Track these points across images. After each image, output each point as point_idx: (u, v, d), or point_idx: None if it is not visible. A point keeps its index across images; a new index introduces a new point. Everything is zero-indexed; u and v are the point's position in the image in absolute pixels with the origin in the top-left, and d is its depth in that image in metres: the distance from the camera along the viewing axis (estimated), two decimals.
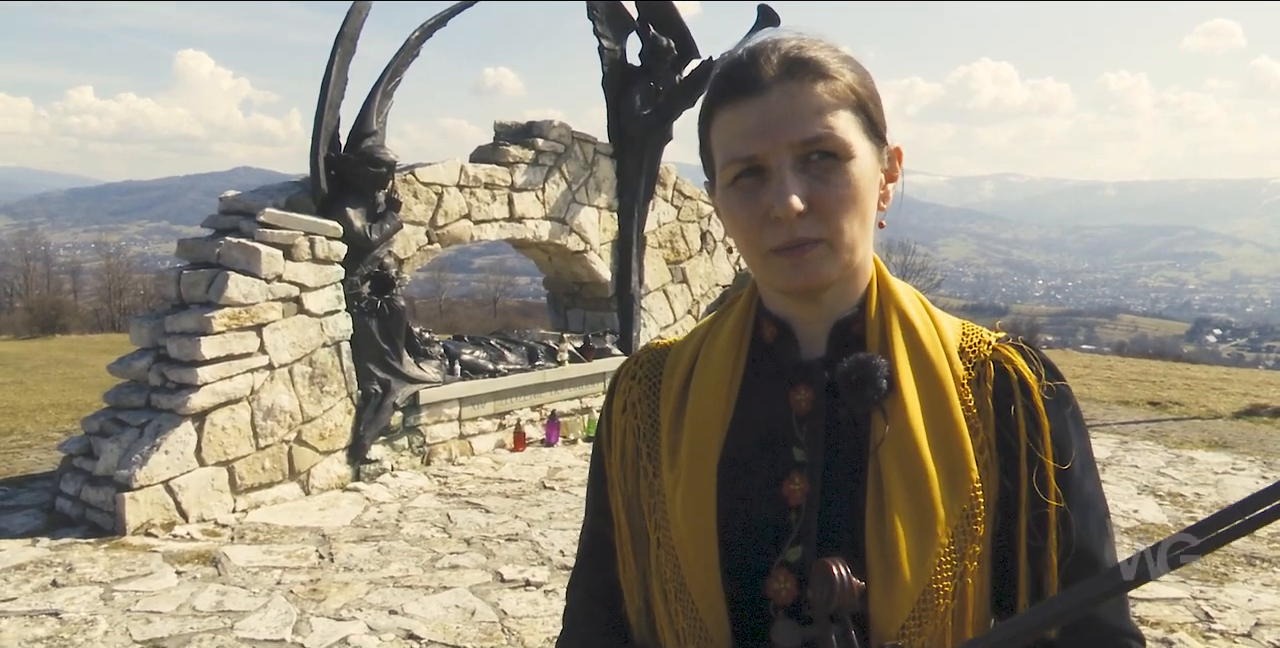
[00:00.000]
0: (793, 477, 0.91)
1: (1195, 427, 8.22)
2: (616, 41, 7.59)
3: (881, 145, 0.93)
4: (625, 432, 1.03)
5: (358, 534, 5.06)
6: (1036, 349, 0.97)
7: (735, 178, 0.90)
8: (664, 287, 8.57)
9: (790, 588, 0.88)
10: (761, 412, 0.96)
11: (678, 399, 0.99)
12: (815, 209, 0.87)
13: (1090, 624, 0.91)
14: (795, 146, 0.86)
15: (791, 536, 0.90)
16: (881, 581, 0.86)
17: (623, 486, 1.01)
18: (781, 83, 0.87)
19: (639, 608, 0.99)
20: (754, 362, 0.99)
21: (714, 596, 0.91)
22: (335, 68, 5.70)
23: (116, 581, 4.31)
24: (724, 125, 0.90)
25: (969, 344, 0.97)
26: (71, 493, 5.16)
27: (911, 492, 0.87)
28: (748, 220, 0.89)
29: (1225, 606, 4.11)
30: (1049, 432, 0.92)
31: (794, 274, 0.89)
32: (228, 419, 5.25)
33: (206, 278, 5.29)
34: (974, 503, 0.89)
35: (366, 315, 5.98)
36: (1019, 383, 0.94)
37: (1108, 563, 0.93)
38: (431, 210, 6.58)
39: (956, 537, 0.88)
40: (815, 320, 0.97)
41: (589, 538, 1.09)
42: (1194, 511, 5.58)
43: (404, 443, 6.31)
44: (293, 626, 3.88)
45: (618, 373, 1.09)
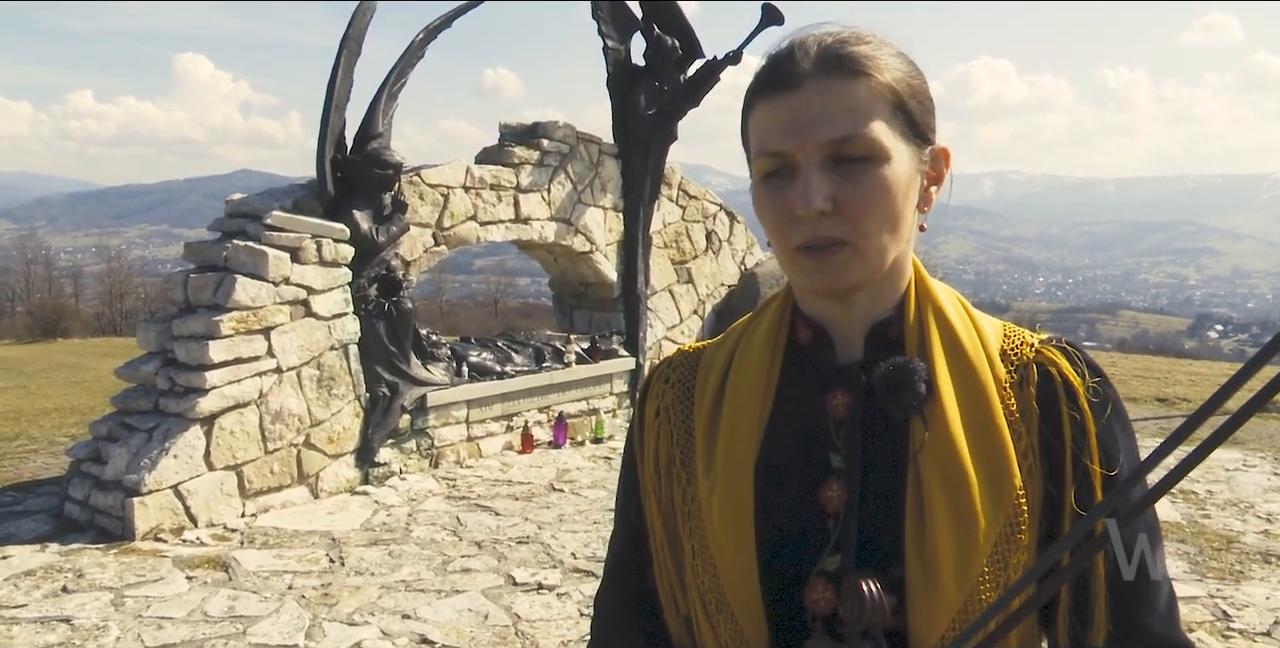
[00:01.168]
0: (830, 484, 0.89)
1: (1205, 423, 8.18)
2: (621, 41, 7.56)
3: (924, 146, 0.90)
4: (659, 437, 1.00)
5: (368, 538, 5.04)
6: (1081, 351, 0.94)
7: (766, 174, 0.88)
8: (670, 287, 8.55)
9: (829, 598, 0.86)
10: (798, 416, 0.94)
11: (712, 404, 0.97)
12: (841, 210, 0.85)
13: (1139, 634, 0.89)
14: (824, 146, 0.84)
15: (830, 544, 0.88)
16: (922, 591, 0.84)
17: (657, 492, 0.99)
18: (816, 79, 0.85)
19: (682, 618, 0.97)
20: (789, 365, 0.96)
21: (753, 605, 0.89)
22: (341, 70, 5.68)
23: (127, 586, 4.29)
24: (759, 119, 0.89)
25: (1011, 346, 0.94)
26: (80, 498, 5.14)
27: (952, 499, 0.85)
28: (775, 218, 0.88)
29: (1243, 604, 4.08)
30: (1095, 436, 0.89)
31: (817, 276, 0.88)
32: (236, 423, 5.23)
33: (214, 281, 5.27)
34: (1017, 510, 0.86)
35: (374, 318, 5.96)
36: (1063, 386, 0.91)
37: (1156, 572, 0.90)
38: (438, 212, 6.56)
39: (1000, 545, 0.85)
40: (851, 322, 0.94)
41: (621, 546, 1.06)
42: (1206, 508, 5.56)
43: (412, 446, 6.29)
44: (305, 631, 3.86)
45: (650, 377, 1.06)
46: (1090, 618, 0.88)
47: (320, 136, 5.68)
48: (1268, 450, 7.11)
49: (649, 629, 1.01)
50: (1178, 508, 5.54)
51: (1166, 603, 0.90)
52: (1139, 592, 0.89)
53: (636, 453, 1.03)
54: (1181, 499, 5.73)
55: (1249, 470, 6.48)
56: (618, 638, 1.05)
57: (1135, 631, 0.88)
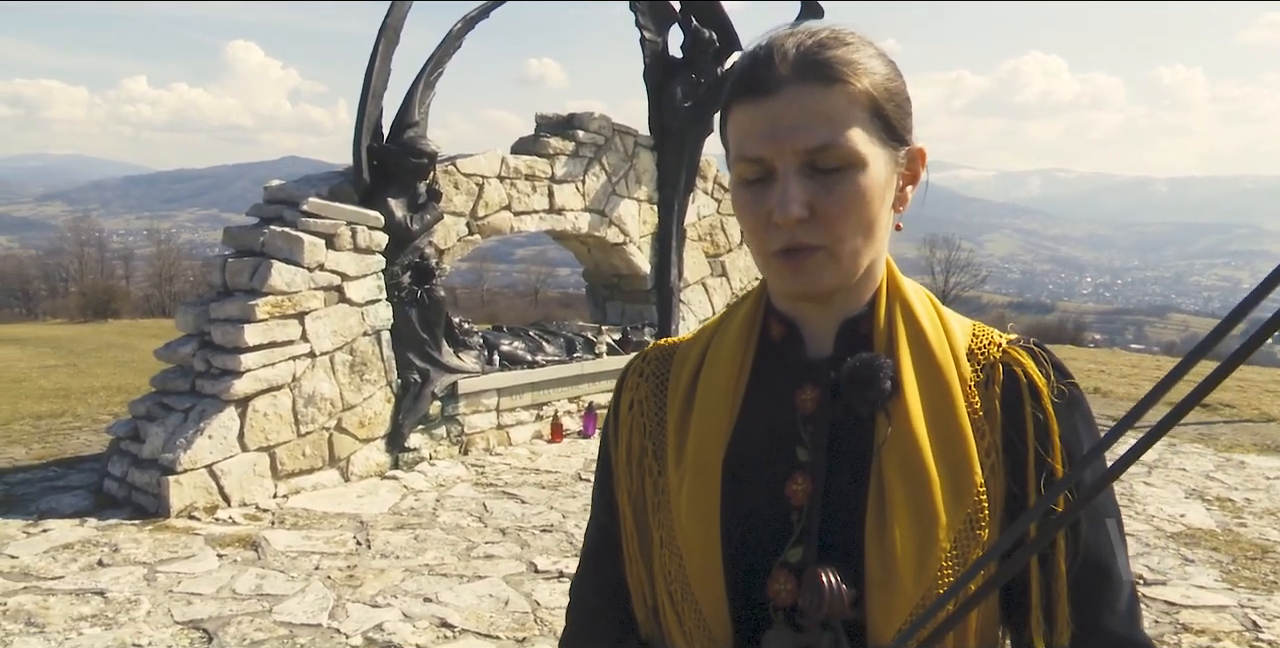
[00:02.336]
0: (796, 477, 0.91)
1: (1246, 430, 8.03)
2: (658, 33, 7.55)
3: (900, 147, 0.91)
4: (632, 429, 1.02)
5: (395, 522, 5.11)
6: (1048, 351, 0.95)
7: (744, 178, 0.89)
8: (703, 280, 8.55)
9: (791, 589, 0.88)
10: (767, 411, 0.95)
11: (684, 398, 0.99)
12: (818, 216, 0.85)
13: (1100, 634, 0.89)
14: (801, 153, 0.85)
15: (793, 537, 0.89)
16: (880, 584, 0.85)
17: (628, 483, 1.01)
18: (793, 85, 0.85)
19: (648, 607, 0.99)
20: (761, 360, 0.98)
21: (717, 595, 0.90)
22: (379, 59, 5.74)
23: (160, 562, 4.40)
24: (737, 123, 0.89)
25: (978, 346, 0.95)
26: (118, 475, 5.27)
27: (912, 495, 0.86)
28: (753, 222, 0.89)
29: (1274, 615, 4.01)
30: (1058, 436, 0.90)
31: (794, 280, 0.89)
32: (270, 405, 5.32)
33: (250, 266, 5.36)
34: (977, 507, 0.87)
35: (407, 305, 6.03)
36: (1028, 386, 0.92)
37: (1120, 570, 0.91)
38: (472, 201, 6.61)
39: (959, 542, 0.86)
40: (823, 320, 0.96)
41: (595, 534, 1.08)
42: (1243, 516, 5.45)
43: (442, 432, 6.36)
44: (329, 611, 3.93)
45: (626, 370, 1.08)
46: (1054, 618, 0.89)
47: (357, 125, 5.75)
48: None
49: (623, 618, 1.03)
50: (1213, 516, 5.45)
51: (1128, 603, 0.91)
52: (1099, 591, 0.90)
53: (611, 444, 1.05)
54: (1218, 507, 5.63)
55: None
56: (593, 626, 1.07)
57: (1096, 631, 0.89)
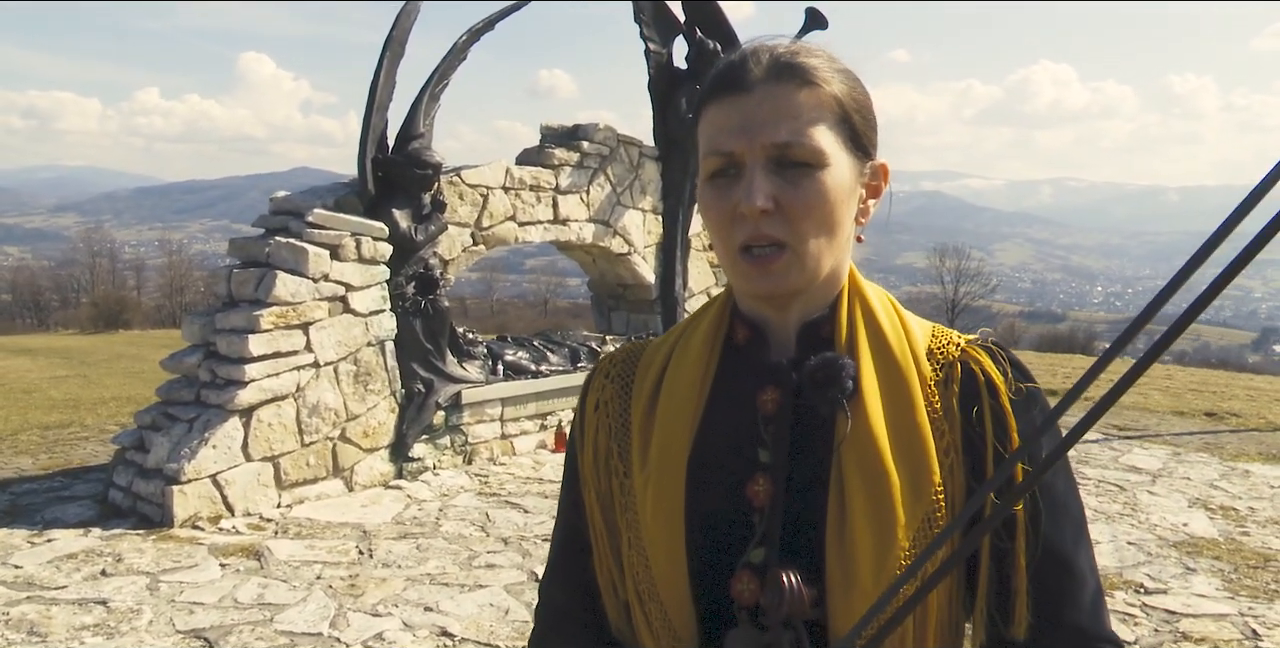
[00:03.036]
0: (757, 478, 0.92)
1: (1253, 439, 7.99)
2: (663, 44, 7.60)
3: (865, 160, 0.94)
4: (598, 430, 1.03)
5: (398, 531, 5.13)
6: (1006, 350, 0.97)
7: (712, 174, 0.91)
8: (708, 289, 8.56)
9: (754, 589, 0.89)
10: (730, 413, 0.96)
11: (649, 399, 1.00)
12: (782, 210, 0.88)
13: (1064, 628, 0.90)
14: (769, 148, 0.88)
15: (755, 537, 0.91)
16: (840, 583, 0.87)
17: (595, 484, 1.02)
18: (766, 84, 0.89)
19: (619, 606, 1.00)
20: (726, 363, 0.99)
21: (681, 595, 0.92)
22: (384, 70, 5.79)
23: (163, 571, 4.42)
24: (710, 120, 0.92)
25: (937, 346, 0.97)
26: (123, 485, 5.30)
27: (872, 495, 0.88)
28: (719, 216, 0.90)
29: (1275, 623, 3.99)
30: (1016, 432, 0.91)
31: (759, 281, 0.90)
32: (274, 416, 5.36)
33: (255, 276, 5.40)
34: (935, 506, 0.89)
35: (411, 315, 6.06)
36: (986, 384, 0.93)
37: (1081, 565, 0.92)
38: (477, 212, 6.65)
39: (917, 541, 0.87)
40: (786, 323, 0.97)
41: (563, 535, 1.09)
42: (1246, 525, 5.43)
43: (446, 442, 6.38)
44: (330, 620, 3.95)
45: (593, 371, 1.09)
46: (1011, 611, 0.90)
47: (362, 136, 5.80)
48: None
49: (591, 619, 1.04)
50: (1216, 525, 5.42)
51: (1092, 598, 0.92)
52: (1061, 587, 0.91)
53: (577, 445, 1.07)
54: (1221, 516, 5.60)
55: None
56: (561, 626, 1.08)
57: (1061, 625, 0.90)
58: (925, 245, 49.04)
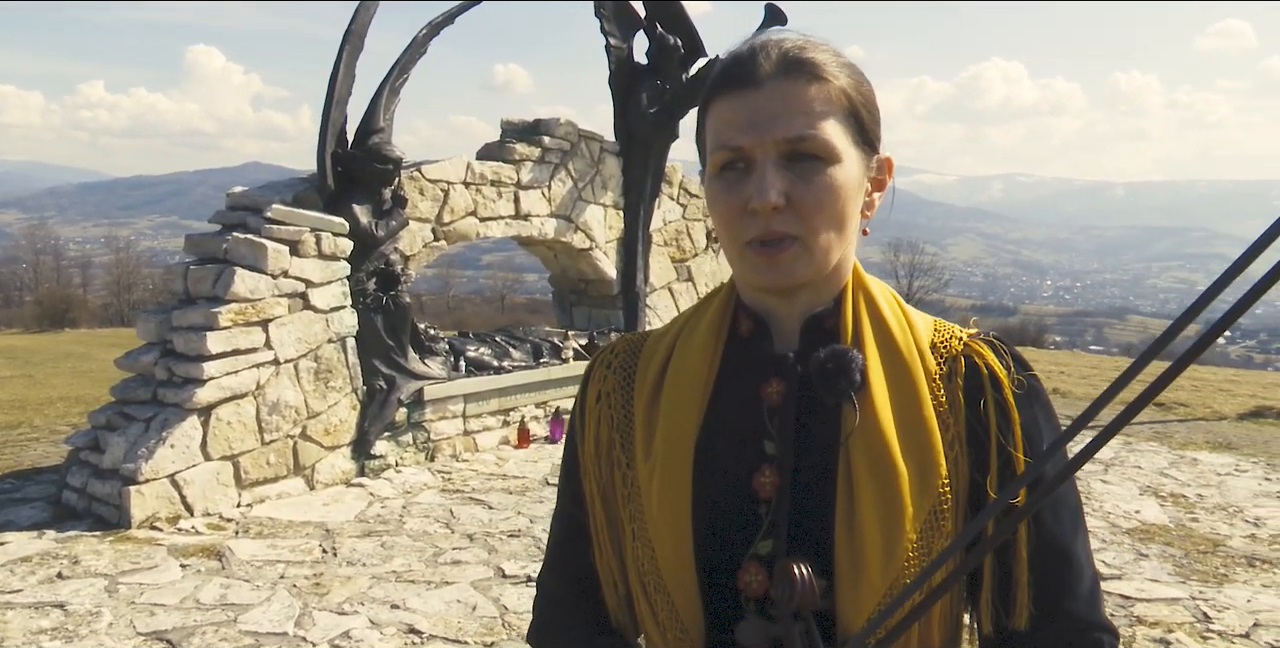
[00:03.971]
0: (764, 470, 0.92)
1: (1200, 428, 8.21)
2: (624, 40, 7.60)
3: (871, 154, 0.94)
4: (600, 421, 1.03)
5: (361, 529, 5.09)
6: (1007, 344, 0.98)
7: (721, 168, 0.91)
8: (669, 284, 8.59)
9: (761, 581, 0.89)
10: (735, 405, 0.96)
11: (652, 390, 1.00)
12: (793, 206, 0.88)
13: (1062, 617, 0.92)
14: (780, 143, 0.88)
15: (762, 529, 0.91)
16: (849, 575, 0.87)
17: (597, 475, 1.01)
18: (776, 80, 0.89)
19: (620, 597, 1.00)
20: (730, 355, 0.99)
21: (688, 587, 0.92)
22: (343, 65, 5.73)
23: (121, 573, 4.35)
24: (717, 115, 0.92)
25: (940, 340, 0.98)
26: (78, 486, 5.20)
27: (880, 486, 0.88)
28: (727, 211, 0.90)
29: (1224, 606, 4.11)
30: (1019, 425, 0.92)
31: (767, 272, 0.91)
32: (233, 414, 5.29)
33: (213, 273, 5.32)
34: (942, 499, 0.89)
35: (372, 312, 6.01)
36: (989, 377, 0.94)
37: (1079, 555, 0.93)
38: (438, 207, 6.61)
39: (924, 532, 0.88)
40: (790, 315, 0.97)
41: (563, 526, 1.08)
42: (1195, 512, 5.58)
43: (408, 439, 6.34)
44: (295, 619, 3.91)
45: (593, 362, 1.09)
46: (1013, 602, 0.91)
47: (321, 131, 5.73)
48: (1261, 456, 7.13)
49: (590, 609, 1.04)
50: (1166, 511, 5.57)
51: (1089, 587, 0.93)
52: (1060, 576, 0.92)
53: (578, 436, 1.06)
54: (1171, 503, 5.75)
55: (1240, 475, 6.50)
56: (560, 618, 1.08)
57: (1058, 614, 0.91)
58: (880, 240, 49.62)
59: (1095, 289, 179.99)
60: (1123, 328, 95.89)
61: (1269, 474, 6.54)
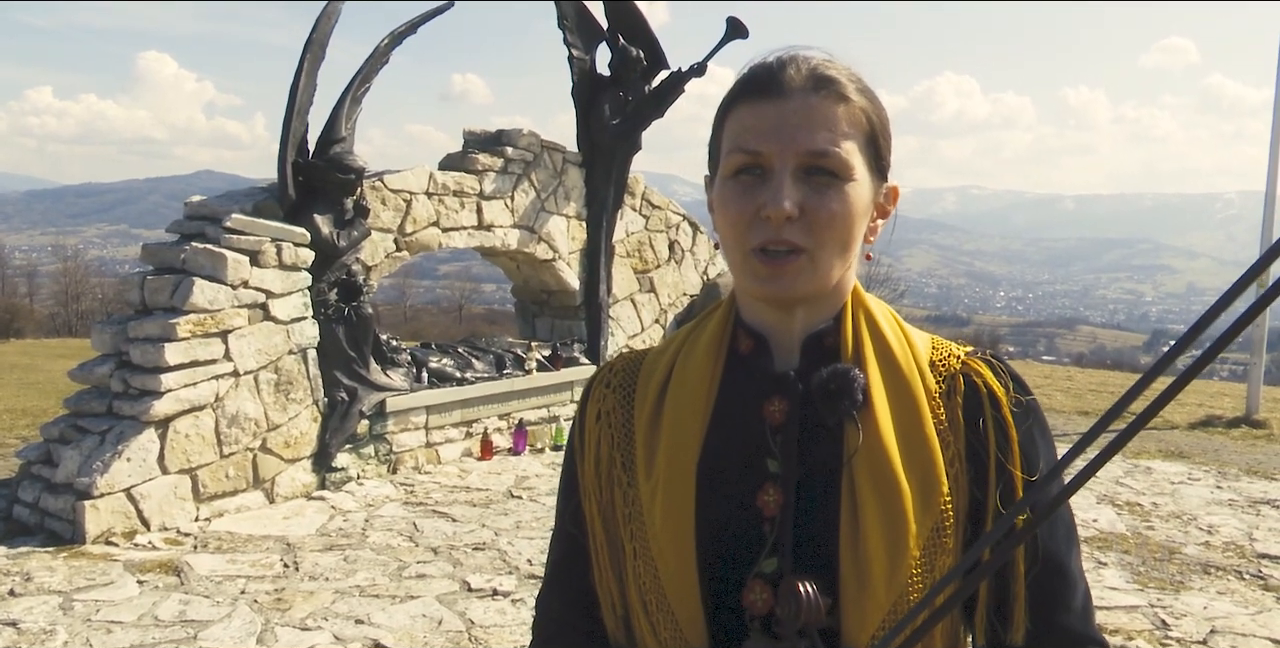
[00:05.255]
0: (767, 488, 0.92)
1: (1152, 437, 8.38)
2: (586, 51, 7.61)
3: (881, 181, 0.96)
4: (599, 440, 1.02)
5: (323, 543, 5.02)
6: (1004, 363, 0.99)
7: (737, 172, 0.91)
8: (632, 296, 8.60)
9: (766, 599, 0.89)
10: (737, 423, 0.96)
11: (653, 409, 0.99)
12: (805, 218, 0.89)
13: (1057, 631, 0.93)
14: (801, 155, 0.89)
15: (766, 547, 0.91)
16: (854, 593, 0.87)
17: (597, 494, 1.01)
18: (805, 93, 0.90)
19: (619, 617, 1.00)
20: (729, 373, 0.99)
21: (693, 606, 0.91)
22: (304, 73, 5.67)
23: (76, 590, 4.24)
24: (739, 119, 0.92)
25: (939, 358, 0.99)
26: (30, 501, 5.07)
27: (884, 504, 0.89)
28: (738, 215, 0.90)
29: (1181, 613, 4.19)
30: (1017, 443, 0.94)
31: (770, 282, 0.91)
32: (191, 427, 5.19)
33: (171, 283, 5.23)
34: (944, 516, 0.90)
35: (334, 323, 5.94)
36: (988, 396, 0.95)
37: (1073, 571, 0.95)
38: (400, 217, 6.56)
39: (927, 549, 0.89)
40: (790, 332, 0.98)
41: (562, 546, 1.07)
42: (1151, 519, 5.69)
43: (370, 451, 6.27)
44: (257, 635, 3.85)
45: (591, 381, 1.09)
46: (1010, 617, 0.92)
47: (282, 140, 5.67)
48: (1212, 465, 7.29)
49: (590, 630, 1.04)
50: (1123, 520, 5.67)
51: (1082, 601, 0.95)
52: (1056, 591, 0.94)
53: (577, 456, 1.05)
54: (1127, 512, 5.87)
55: (1193, 484, 6.64)
56: (560, 638, 1.07)
57: (1053, 628, 0.93)
58: None
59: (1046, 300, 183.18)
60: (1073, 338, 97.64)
61: (1220, 482, 6.70)
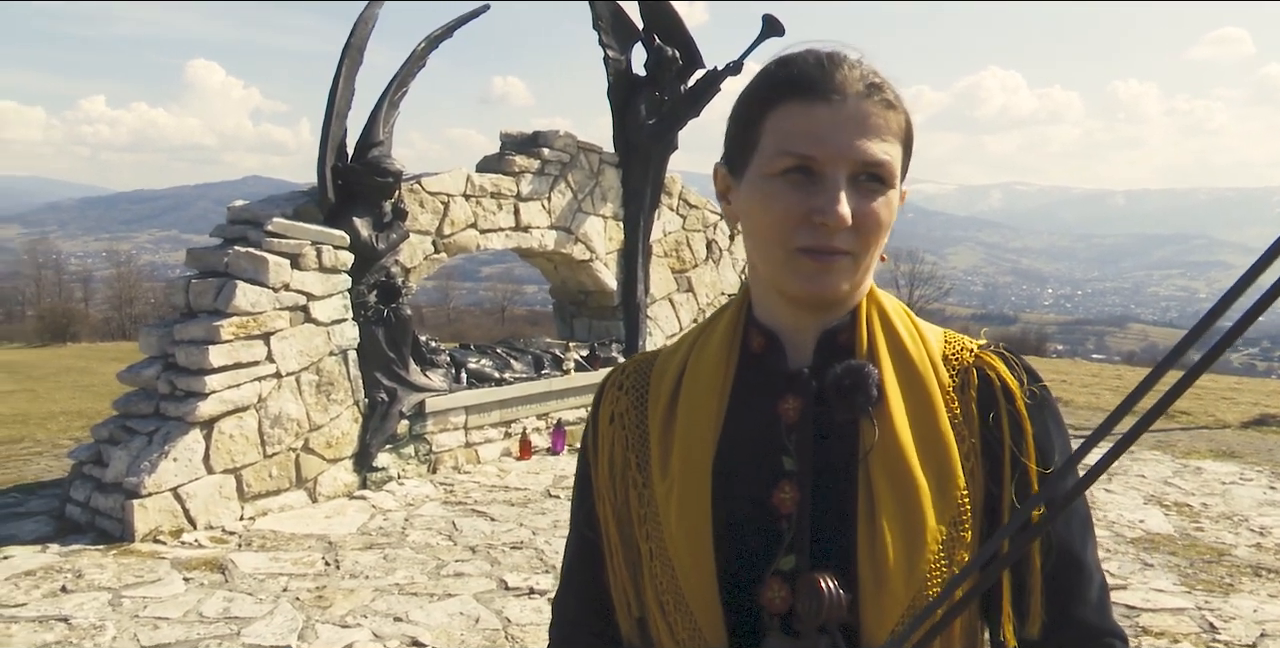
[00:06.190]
0: (782, 486, 0.92)
1: (1203, 436, 8.20)
2: (622, 51, 7.62)
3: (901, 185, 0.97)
4: (614, 442, 1.03)
5: (364, 542, 5.08)
6: (1017, 355, 0.99)
7: (780, 171, 0.89)
8: (670, 295, 8.60)
9: (784, 597, 0.89)
10: (751, 421, 0.96)
11: (666, 409, 0.99)
12: (856, 225, 0.88)
13: (1073, 624, 0.93)
14: (856, 163, 0.88)
15: (784, 545, 0.91)
16: (872, 589, 0.87)
17: (611, 496, 1.01)
18: (858, 98, 0.89)
19: (634, 618, 0.99)
20: (743, 371, 0.99)
21: (711, 605, 0.91)
22: (342, 78, 5.75)
23: (125, 587, 4.34)
24: (789, 118, 0.89)
25: (951, 352, 0.98)
26: (81, 500, 5.20)
27: (901, 500, 0.88)
28: (785, 214, 0.89)
29: (1230, 616, 4.10)
30: (1032, 436, 0.93)
31: (815, 280, 0.90)
32: (235, 427, 5.29)
33: (214, 287, 5.33)
34: (961, 510, 0.90)
35: (373, 324, 6.02)
36: (1002, 389, 0.95)
37: (1089, 563, 0.94)
38: (438, 220, 6.63)
39: (945, 544, 0.89)
40: (805, 330, 0.97)
41: (576, 549, 1.08)
42: (1200, 521, 5.57)
43: (410, 451, 6.34)
44: (298, 632, 3.91)
45: (604, 383, 1.09)
46: (1026, 610, 0.92)
47: (321, 144, 5.75)
48: (1265, 464, 7.12)
49: (605, 631, 1.04)
50: (1170, 521, 5.56)
51: (1098, 593, 0.94)
52: (1072, 583, 0.93)
53: (590, 458, 1.06)
54: (1176, 513, 5.74)
55: (1245, 484, 6.49)
56: (575, 640, 1.08)
57: (1070, 620, 0.92)
58: None
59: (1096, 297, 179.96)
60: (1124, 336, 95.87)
61: (1273, 483, 6.54)
